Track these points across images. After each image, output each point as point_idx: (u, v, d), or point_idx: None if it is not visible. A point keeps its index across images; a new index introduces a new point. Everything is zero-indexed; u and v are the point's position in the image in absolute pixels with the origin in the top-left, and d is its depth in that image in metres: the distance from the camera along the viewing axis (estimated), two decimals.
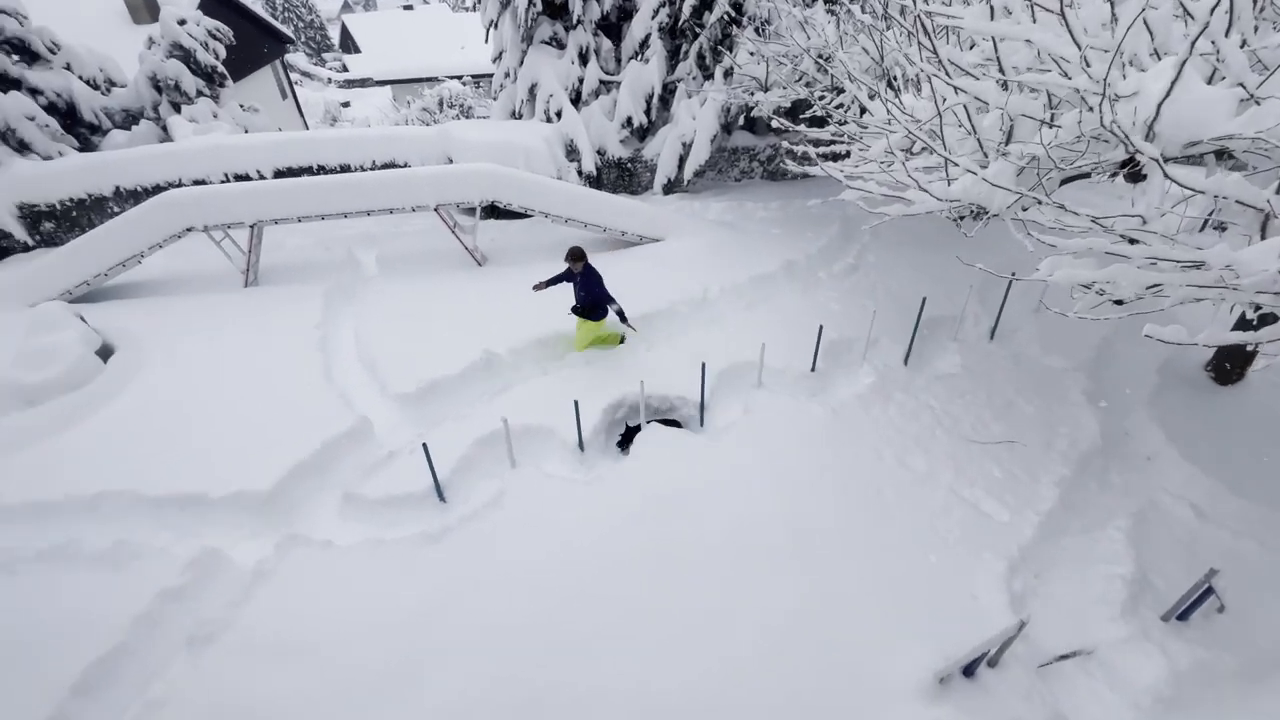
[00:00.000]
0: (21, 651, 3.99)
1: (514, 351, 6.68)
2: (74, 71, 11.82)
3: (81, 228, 10.04)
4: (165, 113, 11.62)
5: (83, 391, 6.03)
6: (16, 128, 10.55)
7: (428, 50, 37.81)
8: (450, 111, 25.19)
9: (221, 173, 9.75)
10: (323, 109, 32.59)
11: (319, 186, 7.83)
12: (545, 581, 4.39)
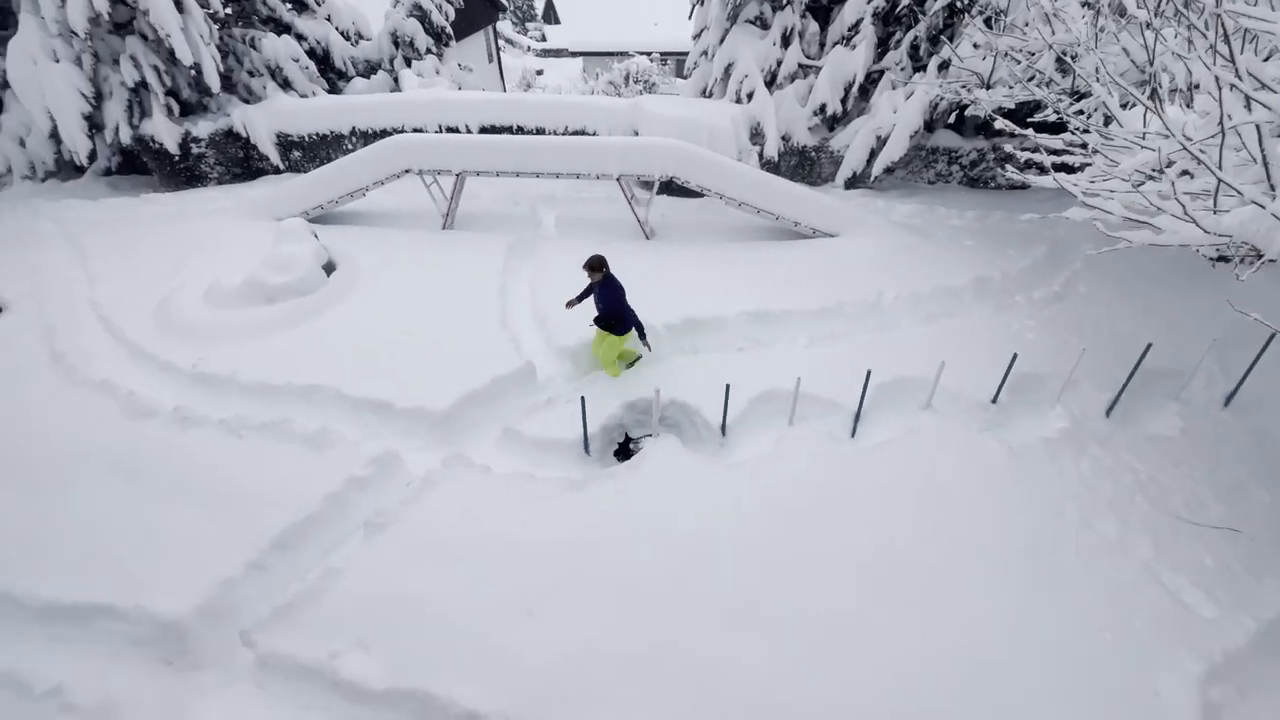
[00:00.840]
0: (240, 501, 4.80)
1: (669, 326, 6.76)
2: (332, 23, 13.68)
3: (321, 159, 11.70)
4: (398, 66, 13.10)
5: (309, 298, 7.06)
6: (283, 67, 12.47)
7: (622, 25, 38.87)
8: (635, 86, 25.82)
9: (437, 123, 10.83)
10: (520, 74, 34.90)
11: (521, 145, 8.40)
12: (674, 550, 4.45)
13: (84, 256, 8.48)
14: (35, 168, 11.78)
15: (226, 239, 8.59)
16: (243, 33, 11.97)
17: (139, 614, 4.08)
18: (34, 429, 5.45)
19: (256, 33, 11.95)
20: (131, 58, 10.52)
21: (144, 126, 10.87)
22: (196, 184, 11.61)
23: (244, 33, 11.98)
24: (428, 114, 10.83)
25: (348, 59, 13.30)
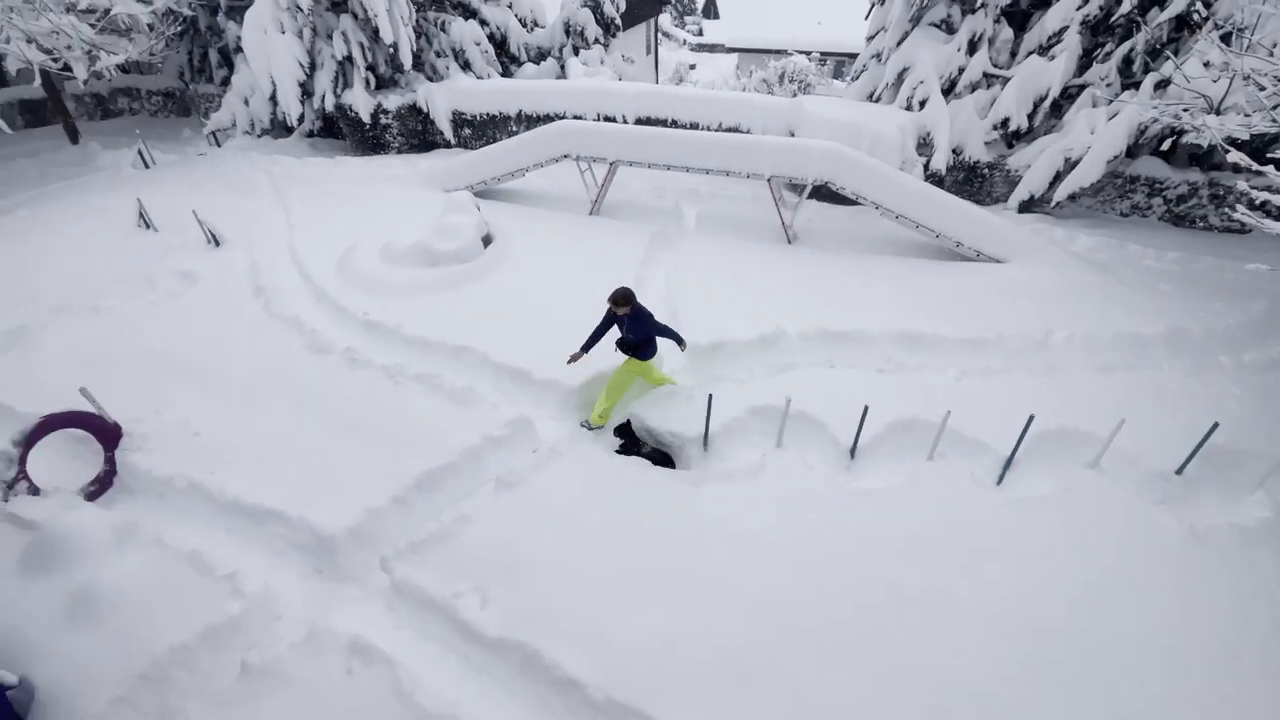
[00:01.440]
0: (392, 440, 5.29)
1: (804, 336, 6.56)
2: (513, 10, 14.56)
3: (487, 138, 12.55)
4: (567, 54, 13.70)
5: (467, 265, 7.61)
6: (466, 50, 13.45)
7: (784, 23, 37.93)
8: (790, 86, 25.17)
9: (596, 112, 11.21)
10: (673, 68, 35.26)
11: (675, 139, 8.49)
12: (785, 565, 4.33)
13: (286, 206, 9.72)
14: (254, 124, 13.65)
15: (401, 204, 9.47)
16: (435, 16, 13.08)
17: (301, 523, 4.64)
18: (238, 350, 6.36)
19: (447, 17, 13.00)
20: (343, 34, 11.86)
21: (344, 96, 12.24)
22: (380, 151, 12.90)
23: (436, 16, 13.09)
24: (588, 102, 11.24)
25: (522, 45, 14.13)
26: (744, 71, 33.18)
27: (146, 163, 11.47)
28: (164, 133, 14.32)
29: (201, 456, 5.13)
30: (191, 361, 6.16)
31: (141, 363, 6.12)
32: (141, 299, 7.17)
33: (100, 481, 5.07)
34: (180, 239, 8.37)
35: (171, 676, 3.88)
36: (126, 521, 4.64)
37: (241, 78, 13.23)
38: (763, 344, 6.33)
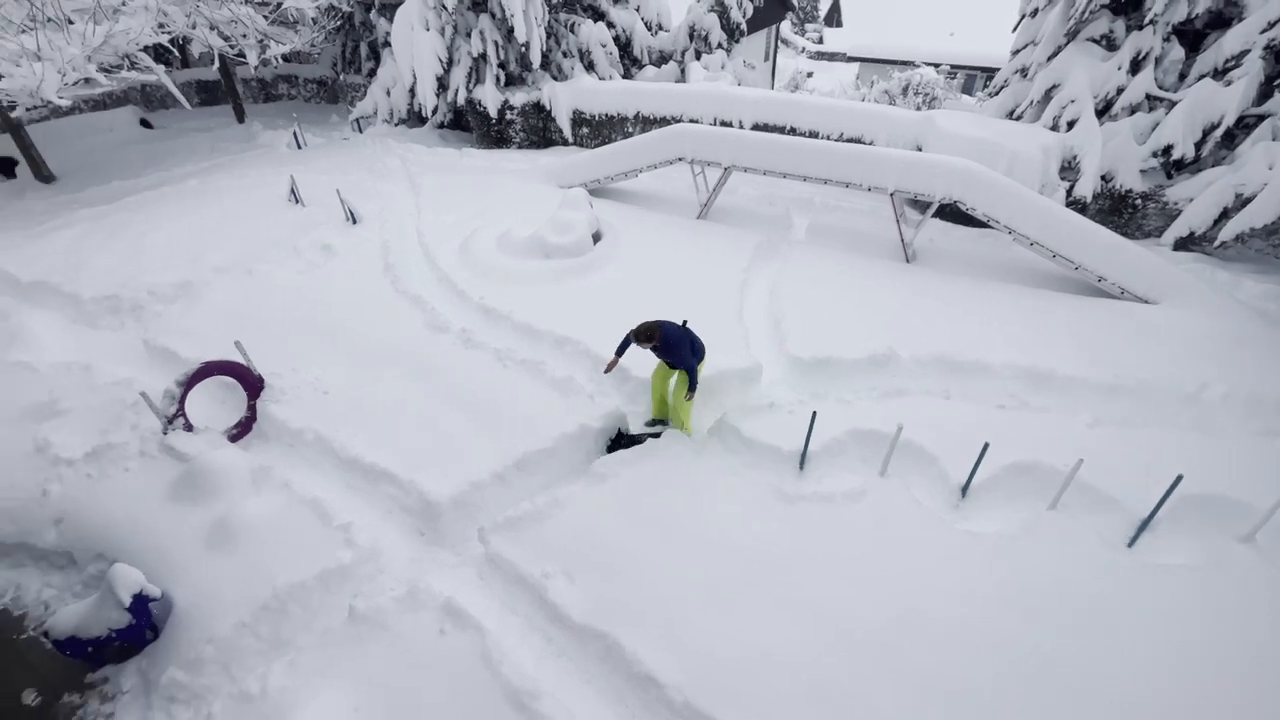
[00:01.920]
0: (497, 420, 5.52)
1: (918, 361, 6.23)
2: (641, 14, 14.82)
3: (603, 138, 12.85)
4: (688, 58, 13.78)
5: (577, 259, 7.83)
6: (591, 51, 13.83)
7: (912, 33, 36.23)
8: (914, 99, 24.05)
9: (714, 116, 11.20)
10: (789, 75, 34.63)
11: (794, 147, 8.32)
12: (882, 602, 4.13)
13: (416, 191, 10.40)
14: (392, 114, 14.70)
15: (520, 196, 9.88)
16: (567, 18, 13.56)
17: (411, 487, 4.95)
18: (366, 321, 6.87)
19: (578, 19, 13.44)
20: (480, 32, 12.54)
21: (475, 91, 12.94)
22: (502, 145, 13.54)
23: (568, 18, 13.56)
24: (707, 106, 11.25)
25: (645, 48, 14.37)
26: (864, 82, 32.06)
27: (299, 144, 12.67)
28: (315, 117, 15.76)
29: (329, 414, 5.59)
30: (326, 327, 6.72)
31: (285, 323, 6.75)
32: (288, 266, 7.92)
33: (242, 426, 5.65)
34: (324, 214, 9.16)
35: (288, 610, 4.25)
36: (262, 465, 5.15)
37: (386, 70, 14.29)
38: (872, 365, 6.08)
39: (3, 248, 8.49)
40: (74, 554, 4.83)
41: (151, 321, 6.95)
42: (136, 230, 8.70)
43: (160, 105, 16.14)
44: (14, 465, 5.20)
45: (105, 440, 5.32)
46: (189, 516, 4.77)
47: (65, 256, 8.13)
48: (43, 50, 9.02)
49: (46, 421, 5.59)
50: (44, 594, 4.77)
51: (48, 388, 5.96)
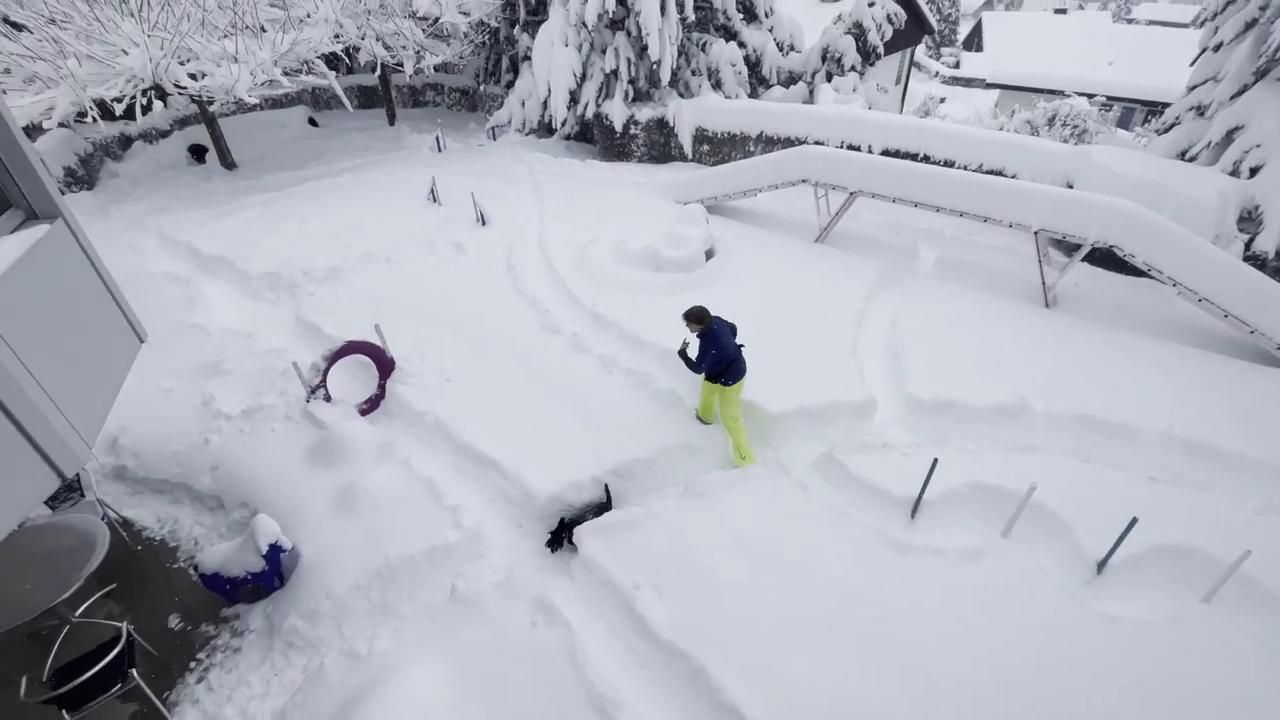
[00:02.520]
0: (600, 425, 5.63)
1: (1053, 416, 5.70)
2: (773, 35, 14.76)
3: (723, 156, 12.88)
4: (818, 80, 13.54)
5: (689, 275, 7.86)
6: (720, 69, 13.92)
7: (1062, 60, 33.61)
8: (1061, 130, 22.25)
9: (840, 139, 10.90)
10: (920, 99, 33.15)
11: (927, 175, 7.92)
12: (1008, 681, 3.77)
13: (541, 198, 10.90)
14: (524, 123, 15.52)
15: (637, 209, 10.10)
16: (699, 37, 13.76)
17: (515, 480, 5.15)
18: (488, 317, 7.26)
19: (710, 38, 13.60)
20: (614, 49, 12.99)
21: (604, 106, 13.39)
22: (623, 158, 13.91)
23: (700, 37, 13.76)
24: (834, 129, 10.98)
25: (775, 68, 14.28)
26: (1004, 110, 30.09)
27: (440, 147, 13.67)
28: (456, 124, 16.95)
29: (448, 400, 5.95)
30: (452, 318, 7.17)
31: (416, 311, 7.27)
32: (424, 260, 8.54)
33: (372, 402, 6.12)
34: (458, 214, 9.81)
35: (397, 579, 4.54)
36: (386, 440, 5.55)
37: (523, 82, 15.14)
38: (1000, 415, 5.63)
39: (191, 224, 9.78)
40: (223, 499, 5.42)
41: (304, 299, 7.73)
42: (299, 217, 9.73)
43: (326, 106, 18.01)
44: (185, 415, 5.94)
45: (258, 401, 5.96)
46: (320, 479, 5.22)
47: (239, 235, 9.24)
48: (239, 54, 10.37)
49: (212, 379, 6.34)
50: (195, 531, 5.38)
51: (216, 349, 6.77)
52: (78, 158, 11.60)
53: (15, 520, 2.41)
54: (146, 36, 9.47)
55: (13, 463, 2.43)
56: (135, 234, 9.57)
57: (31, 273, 2.72)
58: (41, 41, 9.17)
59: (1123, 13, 63.34)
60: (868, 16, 13.09)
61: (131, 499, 5.62)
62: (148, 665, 4.26)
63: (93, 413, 2.94)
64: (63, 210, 3.09)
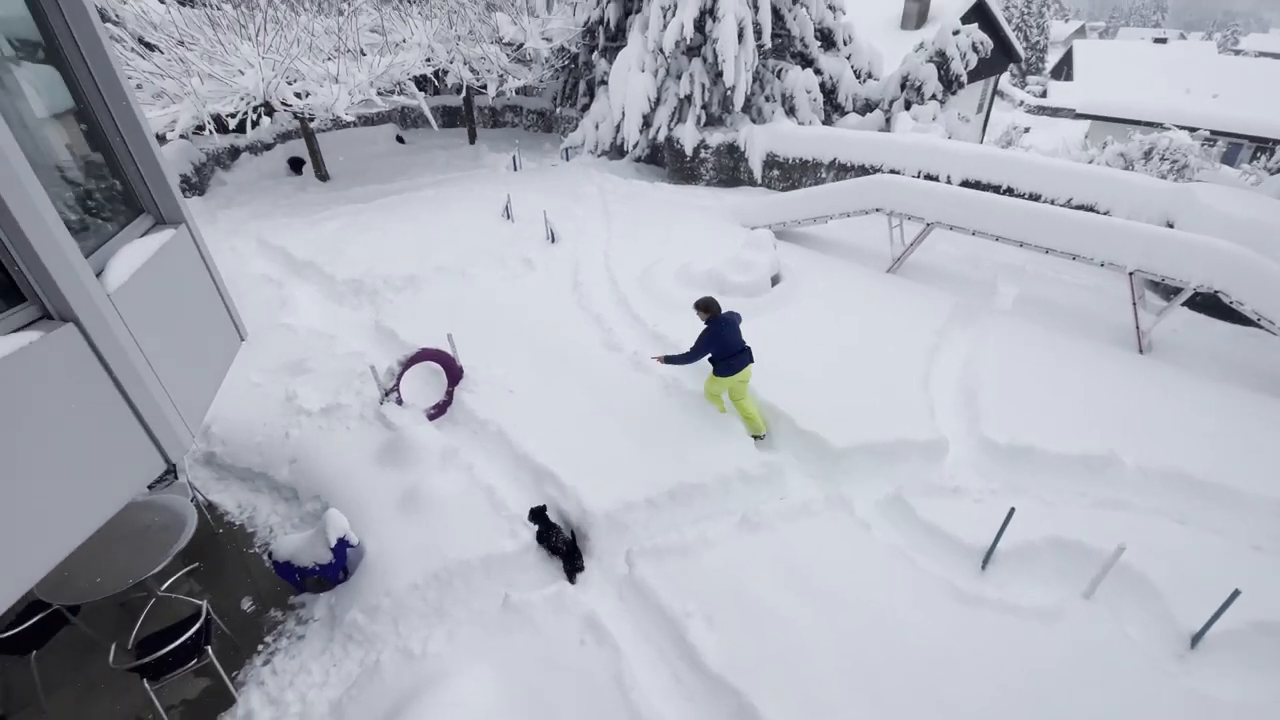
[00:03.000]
0: (658, 445, 5.61)
1: (1145, 472, 5.28)
2: (851, 62, 14.63)
3: (792, 181, 12.79)
4: (896, 108, 13.29)
5: (754, 300, 7.80)
6: (794, 96, 13.88)
7: (1161, 91, 31.72)
8: (1158, 165, 20.94)
9: (917, 168, 10.64)
10: (1003, 129, 31.98)
11: (1012, 209, 7.60)
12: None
13: (609, 218, 11.11)
14: (597, 145, 15.91)
15: (703, 232, 10.13)
16: (775, 64, 13.80)
17: (571, 493, 5.18)
18: (553, 331, 7.42)
19: (786, 65, 13.62)
20: (690, 75, 13.19)
21: (676, 130, 13.58)
22: (691, 181, 14.03)
23: (776, 64, 13.80)
24: (911, 158, 10.73)
25: (851, 95, 14.13)
26: (1095, 141, 28.57)
27: (516, 167, 14.20)
28: (531, 144, 17.57)
29: (511, 411, 6.09)
30: (519, 331, 7.37)
31: (485, 323, 7.51)
32: (495, 273, 8.84)
33: (439, 408, 6.34)
34: (529, 231, 10.13)
35: (453, 584, 4.64)
36: (450, 445, 5.73)
37: (599, 106, 15.56)
38: (1084, 466, 5.27)
39: (287, 230, 10.50)
40: (298, 490, 5.72)
41: (383, 306, 8.13)
42: (382, 228, 10.29)
43: (413, 124, 19.06)
44: (270, 408, 6.33)
45: (336, 400, 6.28)
46: (388, 479, 5.43)
47: (328, 243, 9.84)
48: (340, 75, 11.14)
49: (297, 377, 6.74)
50: (271, 519, 5.69)
51: (301, 348, 7.20)
52: (193, 166, 12.71)
53: (125, 499, 2.62)
54: (261, 59, 10.32)
55: (128, 446, 2.65)
56: (236, 238, 10.36)
57: (157, 273, 2.99)
58: (170, 61, 10.16)
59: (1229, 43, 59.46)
60: (951, 45, 12.79)
61: (217, 484, 6.01)
62: (220, 643, 4.50)
63: (197, 403, 3.18)
64: (186, 217, 3.38)
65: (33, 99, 2.80)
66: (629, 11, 14.67)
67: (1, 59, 2.62)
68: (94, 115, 3.06)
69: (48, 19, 2.79)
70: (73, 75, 2.94)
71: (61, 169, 2.94)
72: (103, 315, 2.49)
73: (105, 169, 3.16)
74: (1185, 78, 31.77)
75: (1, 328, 2.26)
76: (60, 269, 2.35)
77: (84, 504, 2.44)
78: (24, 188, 2.21)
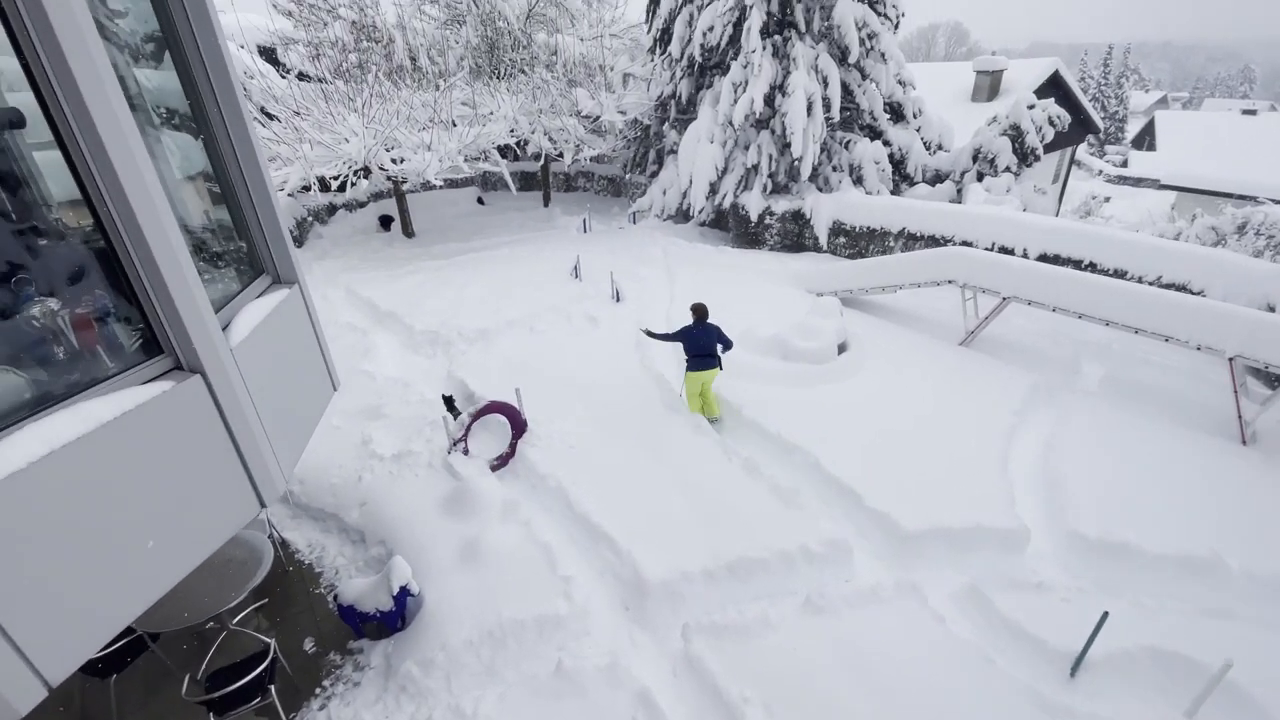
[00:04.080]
0: (714, 515, 5.51)
1: (1254, 579, 4.77)
2: (921, 134, 14.72)
3: (859, 249, 12.77)
4: (968, 179, 13.19)
5: (819, 368, 7.71)
6: (862, 166, 14.02)
7: (1252, 163, 30.06)
8: (1254, 240, 19.72)
9: (990, 240, 10.43)
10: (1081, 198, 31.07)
11: (1097, 286, 7.30)
12: None
13: (672, 279, 11.35)
14: (664, 210, 16.46)
15: (766, 297, 10.19)
16: (843, 135, 14.05)
17: (628, 557, 5.12)
18: (615, 389, 7.52)
19: (854, 137, 13.85)
20: (758, 146, 13.59)
21: (742, 197, 13.91)
22: (755, 246, 14.22)
23: (844, 136, 14.05)
24: (984, 229, 10.55)
25: (920, 166, 14.15)
26: (1183, 213, 27.26)
27: (586, 229, 14.83)
28: (601, 208, 18.37)
29: (571, 466, 6.16)
30: (582, 387, 7.53)
31: (550, 378, 7.72)
32: (562, 329, 9.14)
33: (502, 459, 6.49)
34: (595, 290, 10.47)
35: (506, 643, 4.62)
36: (511, 499, 5.81)
37: (667, 173, 16.19)
38: (1185, 568, 4.82)
39: (373, 282, 11.25)
40: (365, 534, 5.91)
41: (456, 357, 8.51)
42: (459, 283, 10.88)
43: (492, 187, 20.34)
44: (346, 451, 6.64)
45: (407, 447, 6.53)
46: (451, 528, 5.54)
47: (410, 295, 10.47)
48: (433, 144, 12.11)
49: (372, 421, 7.07)
50: (338, 560, 5.87)
51: (379, 394, 7.58)
52: (295, 221, 13.94)
53: (224, 538, 2.81)
54: (365, 128, 11.39)
55: (231, 489, 2.85)
56: (329, 287, 11.18)
57: (271, 328, 3.28)
58: (287, 129, 11.35)
59: None
60: (1026, 119, 12.70)
61: (291, 521, 6.29)
62: (281, 681, 4.61)
63: (293, 449, 3.40)
64: (300, 278, 3.72)
65: (177, 164, 3.15)
66: (700, 87, 15.40)
67: (154, 126, 3.00)
68: (229, 183, 3.43)
69: (199, 93, 3.17)
70: (215, 145, 3.31)
71: (198, 231, 3.31)
72: (225, 368, 2.74)
73: (234, 232, 3.54)
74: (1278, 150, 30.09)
75: (138, 377, 2.52)
76: (195, 325, 2.62)
77: (189, 541, 2.62)
78: (173, 251, 2.50)
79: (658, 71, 16.25)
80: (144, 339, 2.62)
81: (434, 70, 14.89)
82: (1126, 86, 64.38)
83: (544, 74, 15.09)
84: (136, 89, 2.81)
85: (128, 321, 2.60)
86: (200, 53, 3.12)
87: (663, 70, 16.03)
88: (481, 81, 14.82)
